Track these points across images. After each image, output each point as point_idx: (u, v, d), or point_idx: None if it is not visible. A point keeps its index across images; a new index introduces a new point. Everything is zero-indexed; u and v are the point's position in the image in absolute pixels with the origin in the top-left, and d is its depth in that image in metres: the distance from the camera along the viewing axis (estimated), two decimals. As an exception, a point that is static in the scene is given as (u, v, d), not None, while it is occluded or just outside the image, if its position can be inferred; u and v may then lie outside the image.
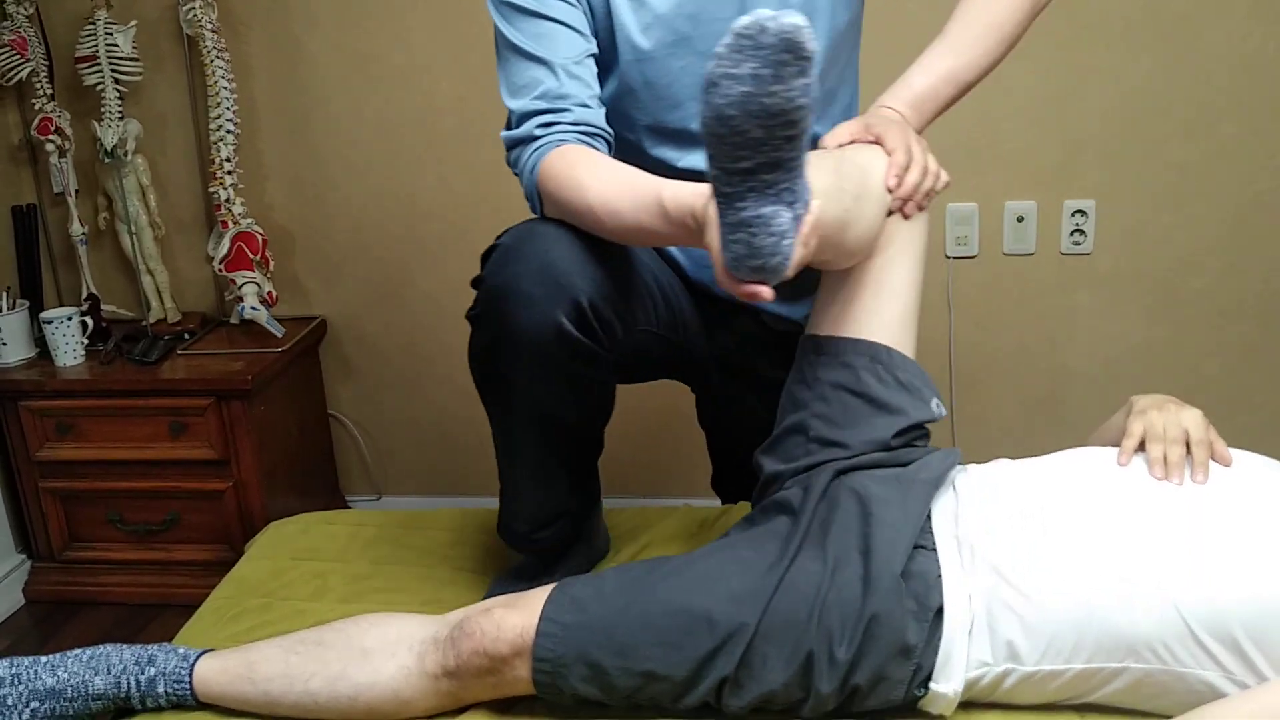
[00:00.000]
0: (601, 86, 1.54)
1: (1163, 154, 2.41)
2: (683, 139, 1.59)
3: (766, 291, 1.22)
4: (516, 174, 1.49)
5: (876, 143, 1.46)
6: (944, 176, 1.49)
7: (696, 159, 1.56)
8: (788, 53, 1.09)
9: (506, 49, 1.50)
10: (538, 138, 1.45)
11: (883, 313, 1.49)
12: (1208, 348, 2.52)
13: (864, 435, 1.45)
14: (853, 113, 1.71)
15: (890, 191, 1.44)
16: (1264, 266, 2.45)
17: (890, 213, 1.46)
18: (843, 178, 1.37)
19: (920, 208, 1.48)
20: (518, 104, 1.47)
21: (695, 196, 1.28)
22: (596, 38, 1.53)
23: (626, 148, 1.59)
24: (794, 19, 1.08)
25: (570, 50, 1.48)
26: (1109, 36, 2.36)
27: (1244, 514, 1.28)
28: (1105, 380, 2.57)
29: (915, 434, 1.48)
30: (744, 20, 1.09)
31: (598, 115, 1.49)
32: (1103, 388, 2.57)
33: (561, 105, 1.45)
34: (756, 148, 1.14)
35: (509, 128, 1.50)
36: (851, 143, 1.47)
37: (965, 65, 1.54)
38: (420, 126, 2.58)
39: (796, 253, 1.21)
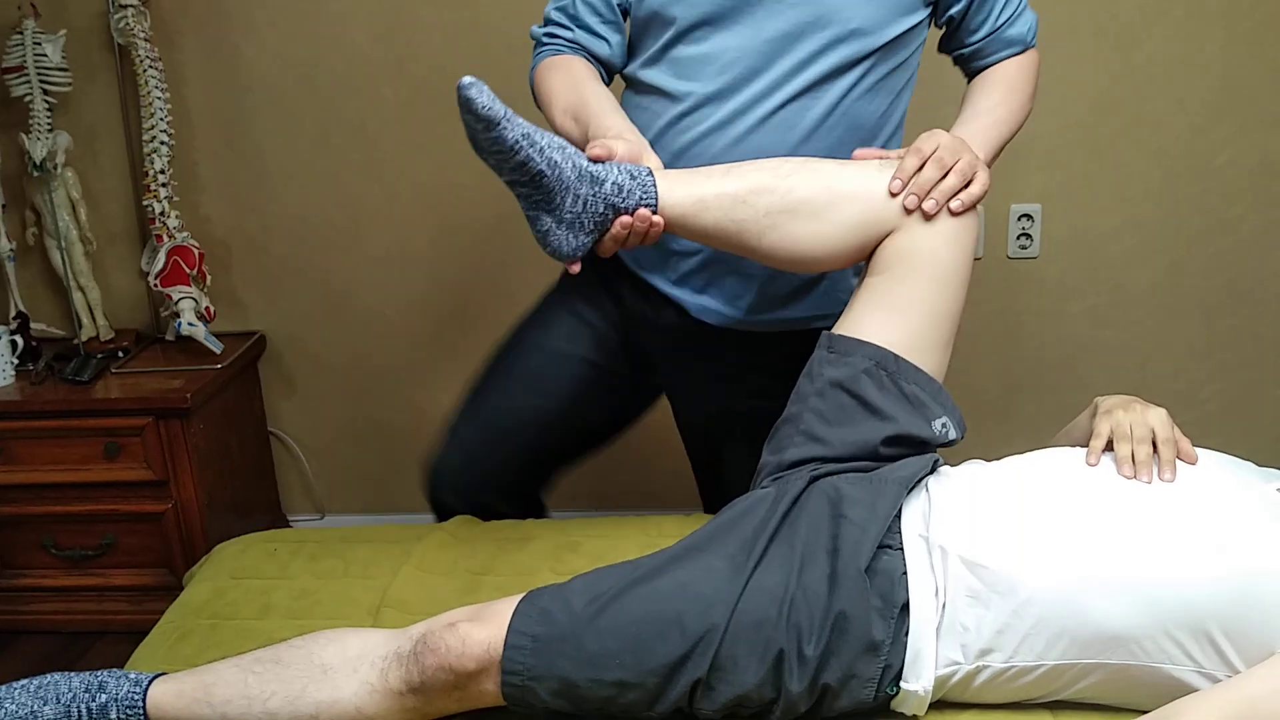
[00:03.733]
0: None
1: (1106, 157, 2.44)
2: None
3: (574, 267, 1.48)
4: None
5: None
6: (981, 179, 1.48)
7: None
8: (468, 112, 1.35)
9: None
10: (544, 44, 1.70)
11: (896, 324, 1.47)
12: (1154, 347, 2.56)
13: (848, 436, 1.44)
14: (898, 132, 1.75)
15: (894, 195, 1.46)
16: (1207, 266, 2.49)
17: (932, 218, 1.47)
18: (756, 191, 1.47)
19: (950, 209, 1.46)
20: (549, 7, 1.71)
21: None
22: None
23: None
24: (466, 83, 1.33)
25: None
26: (1051, 41, 2.37)
27: (1212, 510, 1.29)
28: (1054, 382, 2.59)
29: (909, 447, 1.46)
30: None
31: (598, 45, 1.68)
32: (1052, 389, 2.59)
33: (569, 25, 1.68)
34: (500, 170, 1.42)
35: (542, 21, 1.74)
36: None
37: (1003, 120, 1.72)
38: (362, 136, 2.54)
39: (583, 240, 1.45)
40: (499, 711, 1.34)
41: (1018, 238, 2.49)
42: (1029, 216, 2.48)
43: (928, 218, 1.45)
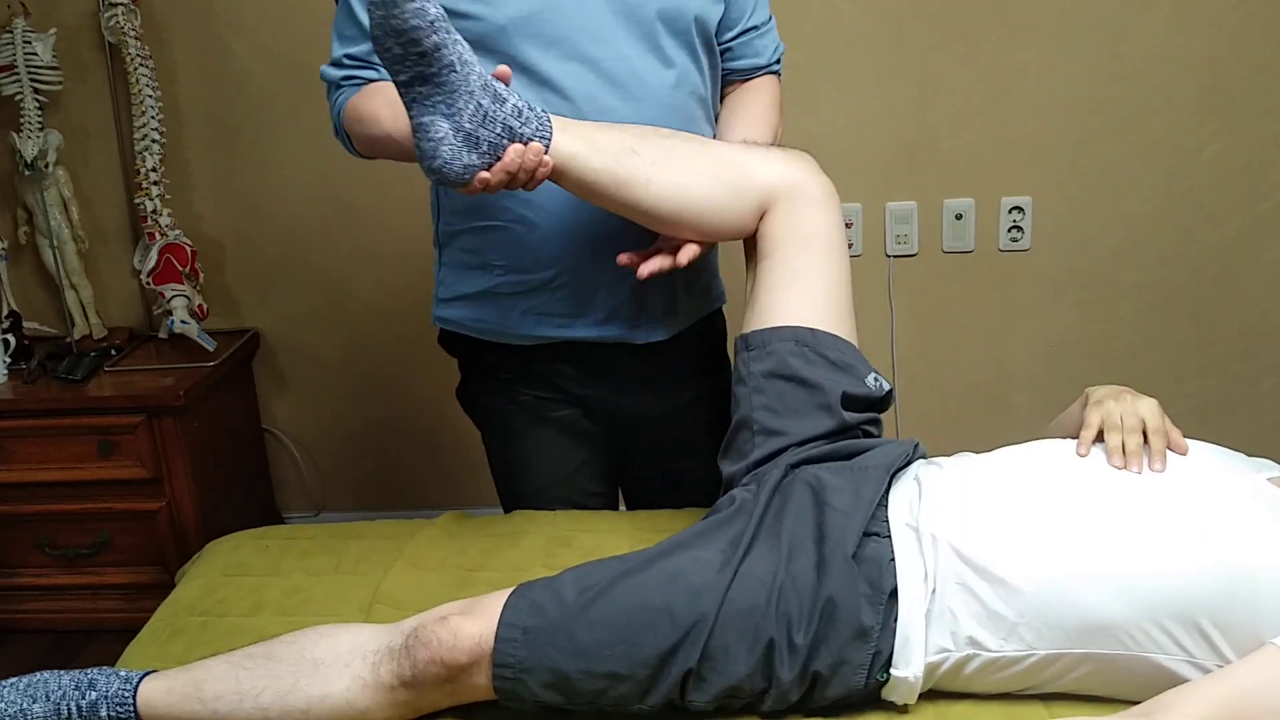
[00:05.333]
0: None
1: (1095, 151, 2.44)
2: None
3: (478, 186, 1.40)
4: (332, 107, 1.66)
5: None
6: None
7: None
8: None
9: None
10: (343, 86, 1.63)
11: (798, 300, 1.49)
12: (1142, 340, 2.56)
13: (803, 418, 1.46)
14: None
15: None
16: (1194, 260, 2.50)
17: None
18: (645, 141, 1.48)
19: None
20: (337, 49, 1.64)
21: None
22: None
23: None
24: None
25: None
26: (1042, 36, 2.39)
27: (1202, 500, 1.29)
28: (1044, 374, 2.60)
29: (859, 408, 1.48)
30: None
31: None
32: (1041, 382, 2.60)
33: (369, 65, 1.60)
34: (402, 63, 1.30)
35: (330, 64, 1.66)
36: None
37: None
38: (353, 133, 2.54)
39: (473, 160, 1.38)
40: (490, 706, 1.34)
41: (1009, 230, 2.50)
42: (1020, 209, 2.48)
43: None
